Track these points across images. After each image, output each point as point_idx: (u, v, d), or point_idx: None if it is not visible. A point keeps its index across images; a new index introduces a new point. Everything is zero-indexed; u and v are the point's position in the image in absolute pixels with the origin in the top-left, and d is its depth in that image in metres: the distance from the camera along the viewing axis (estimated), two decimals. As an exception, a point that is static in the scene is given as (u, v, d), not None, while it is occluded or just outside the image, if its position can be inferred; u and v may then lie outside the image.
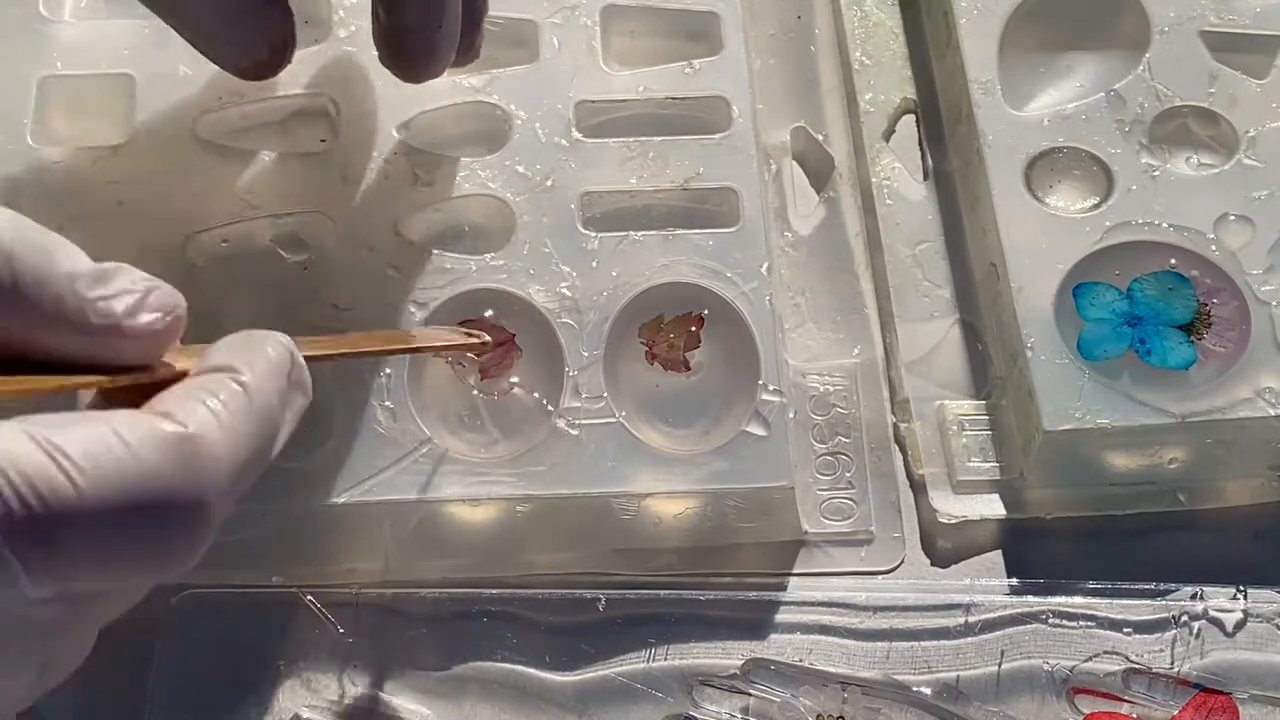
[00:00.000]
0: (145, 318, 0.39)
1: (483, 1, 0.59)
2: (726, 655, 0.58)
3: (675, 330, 0.60)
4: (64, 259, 0.38)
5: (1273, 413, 0.59)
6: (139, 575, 0.37)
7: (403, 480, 0.57)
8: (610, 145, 0.65)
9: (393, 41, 0.57)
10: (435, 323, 0.60)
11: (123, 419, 0.36)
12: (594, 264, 0.62)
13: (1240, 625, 0.58)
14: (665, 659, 0.58)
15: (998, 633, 0.58)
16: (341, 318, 0.60)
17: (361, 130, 0.65)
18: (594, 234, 0.63)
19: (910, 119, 0.71)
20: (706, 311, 0.60)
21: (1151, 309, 0.61)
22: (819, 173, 0.68)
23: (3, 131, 0.63)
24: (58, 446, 0.35)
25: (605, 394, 0.59)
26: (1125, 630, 0.58)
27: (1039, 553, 0.61)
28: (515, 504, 0.58)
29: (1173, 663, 0.58)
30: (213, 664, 0.57)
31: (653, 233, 0.63)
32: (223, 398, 0.38)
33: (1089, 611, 0.58)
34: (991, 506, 0.61)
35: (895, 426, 0.63)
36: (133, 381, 0.39)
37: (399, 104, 0.65)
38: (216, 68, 0.65)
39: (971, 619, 0.58)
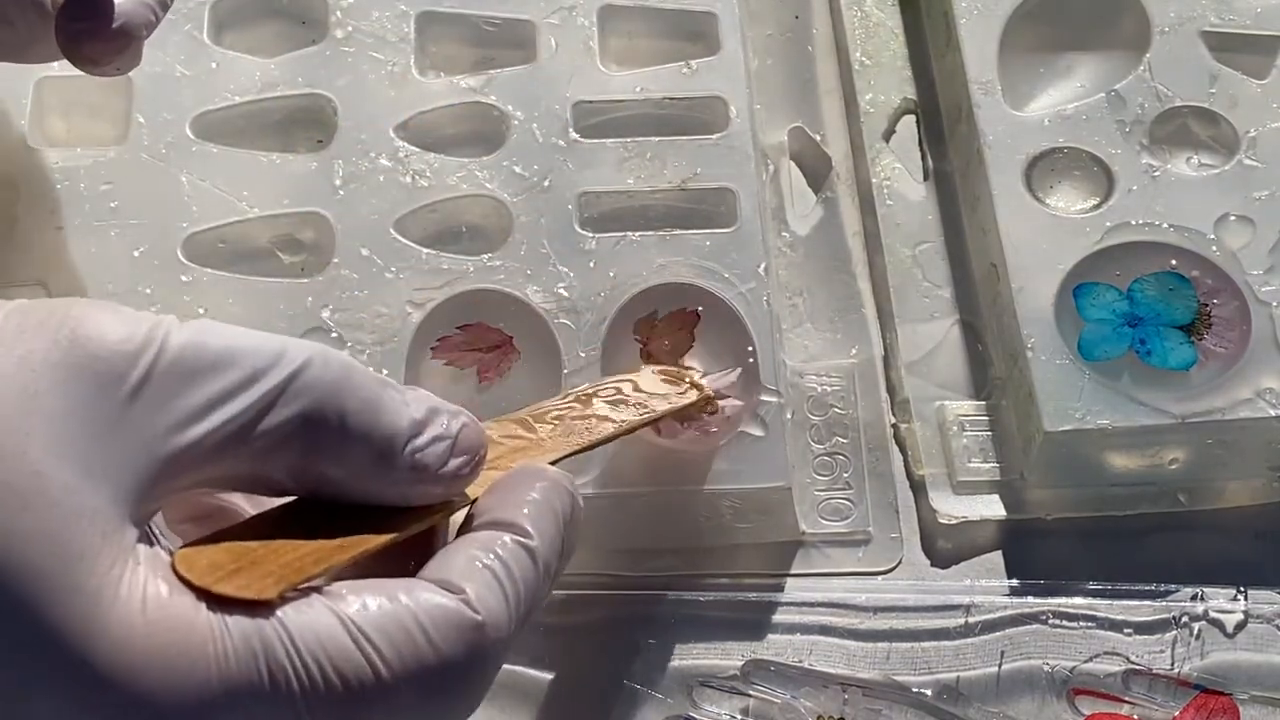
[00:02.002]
0: (454, 463, 0.40)
1: None
2: (726, 656, 0.58)
3: (670, 327, 0.60)
4: (386, 410, 0.39)
5: (1273, 413, 0.59)
6: None
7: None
8: (608, 146, 0.65)
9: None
10: (431, 323, 0.60)
11: (424, 604, 0.37)
12: (591, 264, 0.61)
13: (1241, 626, 0.58)
14: (665, 660, 0.57)
15: (998, 633, 0.58)
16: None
17: (358, 131, 0.65)
18: (591, 234, 0.62)
19: (910, 119, 0.71)
20: (701, 309, 0.60)
21: (1152, 309, 0.61)
22: (816, 173, 0.68)
23: (0, 132, 0.63)
24: (363, 632, 0.36)
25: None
26: (1125, 631, 0.58)
27: (1039, 553, 0.61)
28: (513, 505, 0.58)
29: (1173, 663, 0.57)
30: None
31: (650, 233, 0.63)
32: (517, 574, 0.40)
33: (1089, 612, 0.58)
34: (991, 507, 0.61)
35: (895, 427, 0.63)
36: (432, 522, 0.41)
37: (396, 104, 0.66)
38: (214, 67, 0.65)
39: (972, 620, 0.58)
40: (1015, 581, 0.59)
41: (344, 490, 0.39)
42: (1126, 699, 0.57)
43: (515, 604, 0.39)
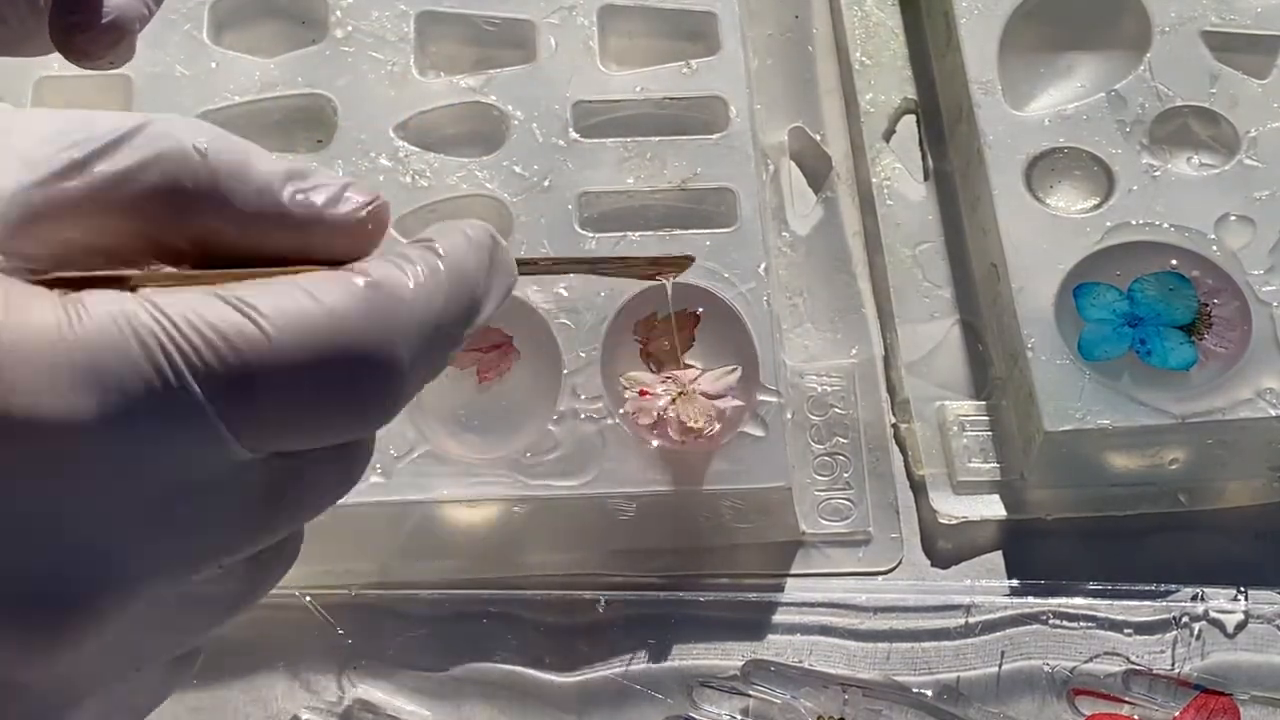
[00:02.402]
0: (346, 207, 0.38)
1: None
2: (726, 656, 0.58)
3: (670, 328, 0.59)
4: (260, 160, 0.38)
5: (1273, 413, 0.59)
6: (336, 430, 0.36)
7: (400, 481, 0.57)
8: (608, 145, 0.65)
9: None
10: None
11: (311, 276, 0.36)
12: (590, 264, 0.62)
13: (1241, 626, 0.58)
14: (665, 660, 0.58)
15: (998, 634, 0.58)
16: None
17: (358, 130, 0.65)
18: (591, 234, 0.63)
19: (910, 119, 0.71)
20: (702, 309, 0.60)
21: (1152, 309, 0.61)
22: (816, 173, 0.68)
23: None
24: (246, 301, 0.34)
25: (603, 394, 0.58)
26: (1126, 631, 0.58)
27: (1039, 553, 0.61)
28: (512, 504, 0.58)
29: (1173, 664, 0.57)
30: (212, 665, 0.57)
31: (650, 233, 0.63)
32: (414, 257, 0.37)
33: (1089, 612, 0.58)
34: (992, 507, 0.61)
35: (895, 427, 0.63)
36: None
37: (396, 104, 0.66)
38: (214, 67, 0.65)
39: (972, 620, 0.58)
40: (1015, 582, 0.59)
41: (239, 247, 0.38)
42: (1127, 699, 0.57)
43: (418, 278, 0.37)
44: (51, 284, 0.34)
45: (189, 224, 0.37)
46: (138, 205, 0.36)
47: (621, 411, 0.58)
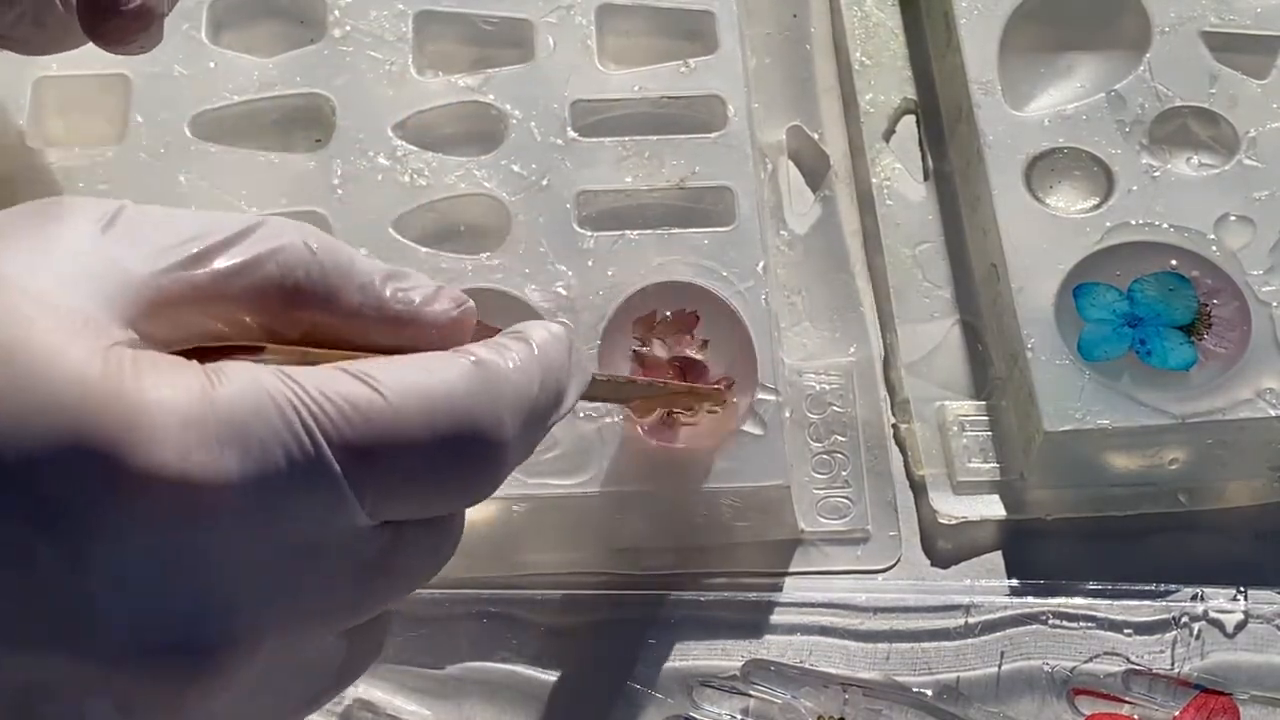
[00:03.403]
0: (440, 305, 0.42)
1: None
2: (727, 656, 0.58)
3: (668, 329, 0.59)
4: (361, 260, 0.41)
5: (1273, 413, 0.59)
6: (446, 498, 0.39)
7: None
8: (606, 144, 0.65)
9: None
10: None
11: (426, 355, 0.39)
12: (590, 263, 0.61)
13: (1241, 626, 0.58)
14: (665, 660, 0.57)
15: (998, 634, 0.58)
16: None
17: (357, 130, 0.65)
18: (589, 233, 0.62)
19: (910, 119, 0.71)
20: (700, 311, 0.60)
21: (1152, 309, 0.61)
22: (814, 171, 0.68)
23: (-1, 132, 0.64)
24: (370, 375, 0.37)
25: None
26: (1125, 631, 0.58)
27: (1039, 553, 0.61)
28: (512, 503, 0.58)
29: (1173, 664, 0.57)
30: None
31: (648, 232, 0.63)
32: (511, 344, 0.41)
33: (1089, 612, 0.58)
34: (992, 507, 0.61)
35: (895, 427, 0.63)
36: None
37: (394, 104, 0.66)
38: (213, 67, 0.65)
39: (972, 620, 0.58)
40: (1015, 581, 0.59)
41: (342, 339, 0.41)
42: (1127, 699, 0.57)
43: (517, 362, 0.40)
44: (189, 356, 0.37)
45: (300, 315, 0.40)
46: (255, 296, 0.39)
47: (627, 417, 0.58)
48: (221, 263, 0.39)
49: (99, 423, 0.34)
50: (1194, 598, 0.58)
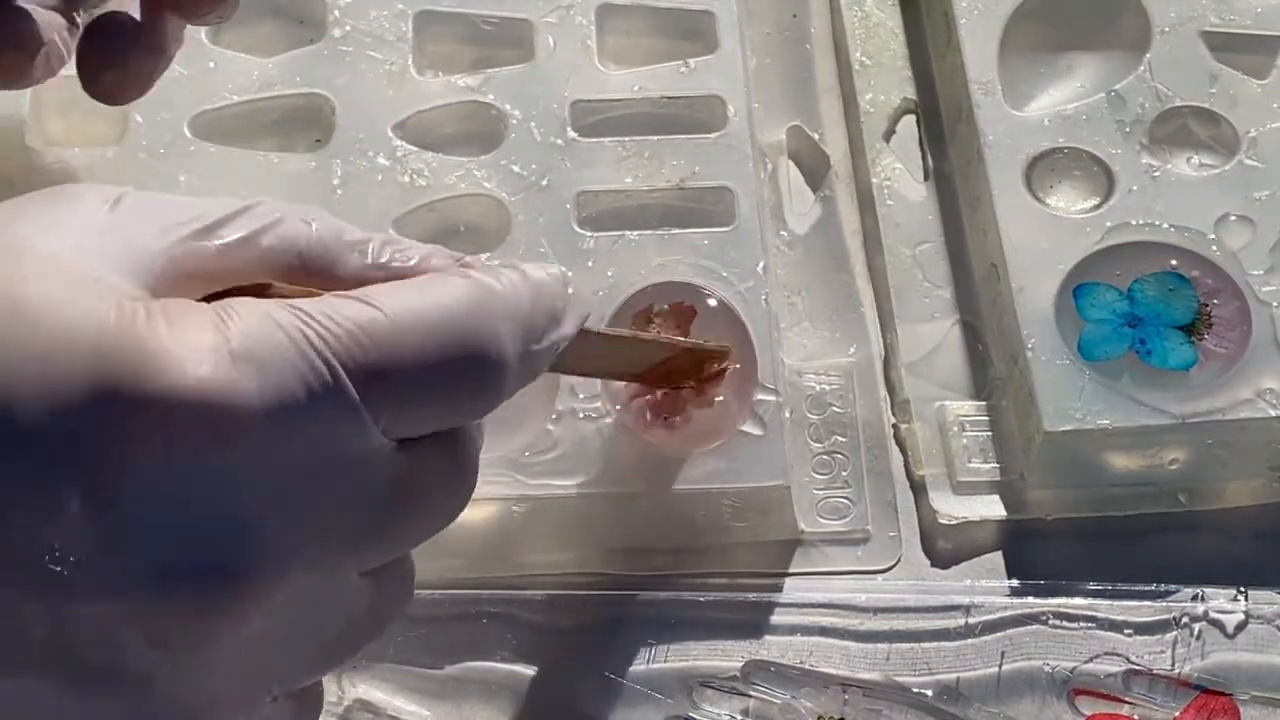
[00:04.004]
0: (438, 260, 0.43)
1: None
2: (726, 657, 0.58)
3: (666, 323, 0.59)
4: (359, 231, 0.43)
5: (1274, 413, 0.59)
6: (454, 409, 0.40)
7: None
8: (606, 144, 0.65)
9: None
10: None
11: (421, 278, 0.41)
12: (589, 263, 0.61)
13: (1241, 626, 0.58)
14: (665, 660, 0.57)
15: (998, 634, 0.58)
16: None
17: (356, 130, 0.65)
18: (589, 233, 0.62)
19: (910, 119, 0.71)
20: (695, 303, 0.60)
21: (1152, 309, 0.61)
22: (815, 171, 0.68)
23: (-2, 133, 0.64)
24: (369, 297, 0.39)
25: (601, 393, 0.58)
26: (1126, 631, 0.58)
27: (1039, 554, 0.61)
28: (511, 504, 0.58)
29: (1173, 664, 0.57)
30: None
31: (648, 232, 0.63)
32: (504, 271, 0.42)
33: (1089, 612, 0.58)
34: (992, 507, 0.61)
35: (895, 427, 0.63)
36: None
37: (394, 104, 0.66)
38: (212, 67, 0.65)
39: (972, 620, 0.58)
40: (1015, 582, 0.59)
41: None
42: (1127, 699, 0.57)
43: (509, 284, 0.41)
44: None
45: (305, 282, 0.41)
46: (260, 266, 0.41)
47: (619, 409, 0.58)
48: (227, 234, 0.40)
49: (115, 358, 0.35)
50: (1194, 598, 0.58)
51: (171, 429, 0.35)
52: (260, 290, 0.40)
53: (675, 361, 0.55)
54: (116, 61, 0.56)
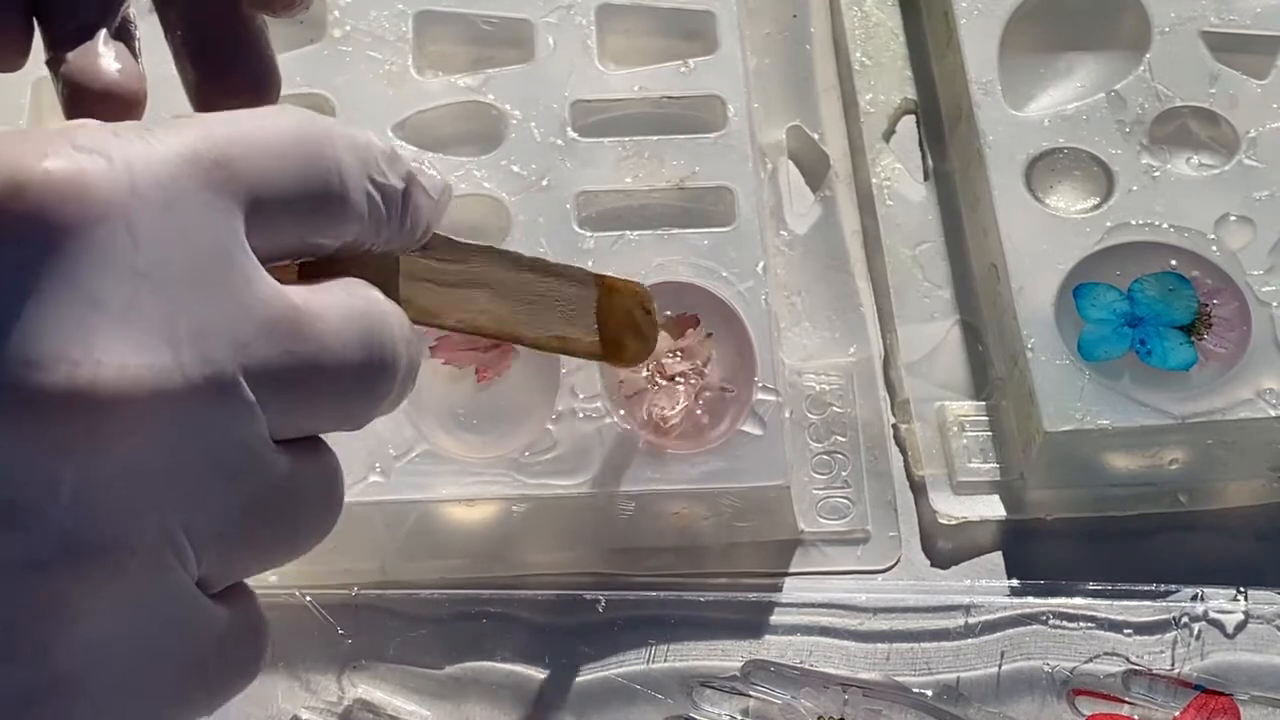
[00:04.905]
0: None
1: None
2: (727, 657, 0.58)
3: (668, 332, 0.59)
4: None
5: (1273, 414, 0.59)
6: (306, 233, 0.38)
7: (399, 480, 0.57)
8: (606, 144, 0.65)
9: None
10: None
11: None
12: (590, 263, 0.61)
13: (1241, 626, 0.58)
14: (665, 660, 0.57)
15: (998, 634, 0.58)
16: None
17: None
18: (590, 233, 0.63)
19: (910, 119, 0.71)
20: (699, 314, 0.60)
21: (1152, 310, 0.61)
22: (814, 171, 0.68)
23: (-2, 132, 0.63)
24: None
25: (600, 393, 0.58)
26: (1126, 631, 0.58)
27: (1039, 554, 0.61)
28: (511, 504, 0.58)
29: (1173, 664, 0.57)
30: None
31: (648, 232, 0.63)
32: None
33: (1089, 613, 0.58)
34: (992, 507, 0.61)
35: (895, 428, 0.63)
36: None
37: (394, 104, 0.66)
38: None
39: (972, 620, 0.58)
40: (1015, 582, 0.59)
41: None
42: (1127, 699, 0.57)
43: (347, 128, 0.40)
44: None
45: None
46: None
47: (620, 411, 0.58)
48: None
49: None
50: (1194, 598, 0.58)
51: (21, 222, 0.33)
52: None
53: (608, 314, 0.52)
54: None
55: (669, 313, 0.59)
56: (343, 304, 0.38)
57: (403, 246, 0.42)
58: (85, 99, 0.53)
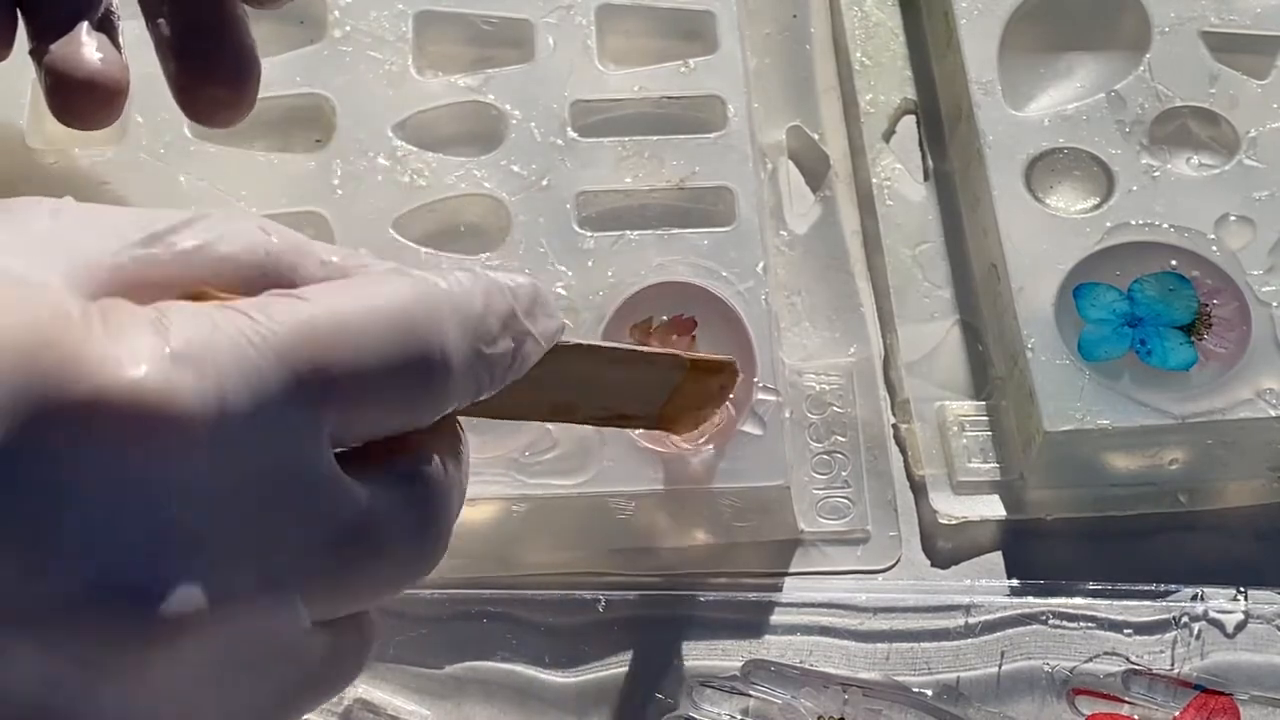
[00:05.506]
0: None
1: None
2: (726, 656, 0.58)
3: (665, 334, 0.59)
4: (318, 244, 0.41)
5: (1273, 414, 0.59)
6: (396, 414, 0.38)
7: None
8: (606, 144, 0.65)
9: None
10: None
11: (361, 278, 0.39)
12: (589, 263, 0.61)
13: (1241, 626, 0.58)
14: (665, 660, 0.57)
15: (998, 634, 0.58)
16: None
17: (356, 130, 0.65)
18: (589, 233, 0.62)
19: (910, 119, 0.71)
20: (696, 316, 0.60)
21: (1152, 310, 0.61)
22: (814, 172, 0.68)
23: (-1, 133, 0.64)
24: (306, 295, 0.37)
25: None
26: (1126, 631, 0.58)
27: (1039, 554, 0.61)
28: (511, 504, 0.58)
29: (1173, 664, 0.57)
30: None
31: (648, 232, 0.63)
32: (455, 270, 0.40)
33: (1089, 612, 0.58)
34: (992, 507, 0.61)
35: (895, 427, 0.63)
36: None
37: (394, 104, 0.66)
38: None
39: (972, 620, 0.58)
40: (1015, 582, 0.59)
41: None
42: (1127, 699, 0.57)
43: (451, 282, 0.40)
44: None
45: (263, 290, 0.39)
46: (218, 271, 0.38)
47: None
48: (180, 240, 0.38)
49: (45, 360, 0.32)
50: (1194, 598, 0.58)
51: (99, 430, 0.32)
52: (197, 298, 0.37)
53: (682, 392, 0.52)
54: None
55: (665, 316, 0.59)
56: (407, 498, 0.39)
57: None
58: (68, 88, 0.53)
